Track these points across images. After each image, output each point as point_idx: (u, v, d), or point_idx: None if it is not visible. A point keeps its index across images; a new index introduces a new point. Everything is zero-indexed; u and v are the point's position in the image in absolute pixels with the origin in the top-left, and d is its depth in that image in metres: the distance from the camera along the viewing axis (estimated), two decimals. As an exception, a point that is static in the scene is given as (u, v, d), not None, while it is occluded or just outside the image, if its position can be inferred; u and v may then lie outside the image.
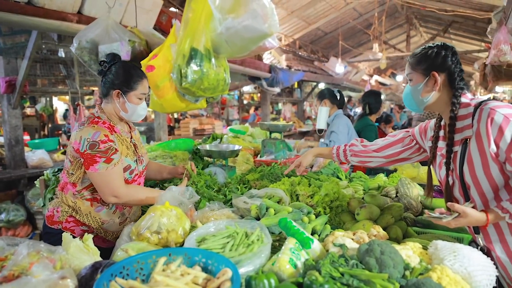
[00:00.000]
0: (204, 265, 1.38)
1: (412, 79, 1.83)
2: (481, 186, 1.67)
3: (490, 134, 1.58)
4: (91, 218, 2.15)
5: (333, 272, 1.30)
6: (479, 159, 1.65)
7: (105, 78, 2.17)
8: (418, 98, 1.82)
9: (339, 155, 2.39)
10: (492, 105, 1.61)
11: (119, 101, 2.13)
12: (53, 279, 1.21)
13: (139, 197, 2.14)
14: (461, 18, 11.30)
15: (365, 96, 4.75)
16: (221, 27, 1.44)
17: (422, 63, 1.78)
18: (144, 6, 4.30)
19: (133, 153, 2.22)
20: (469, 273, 1.43)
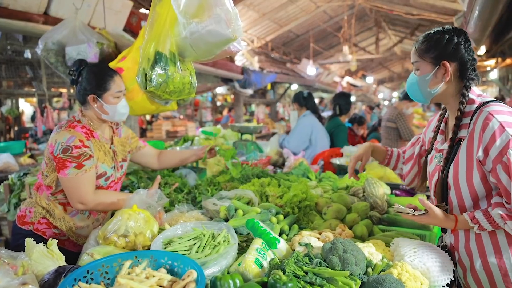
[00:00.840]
0: (170, 267, 1.39)
1: (419, 68, 1.65)
2: (461, 190, 1.58)
3: (482, 140, 1.47)
4: (64, 223, 2.13)
5: (297, 270, 1.34)
6: (465, 162, 1.56)
7: (78, 87, 2.13)
8: (425, 89, 1.64)
9: (392, 158, 2.14)
10: (492, 109, 1.49)
11: (96, 105, 2.10)
12: (14, 285, 1.19)
13: (107, 202, 2.12)
14: (427, 22, 11.69)
15: (335, 98, 4.86)
16: (185, 32, 1.45)
17: (432, 51, 1.59)
18: (113, 7, 4.23)
19: (111, 160, 2.20)
20: (427, 268, 1.50)
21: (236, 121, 10.60)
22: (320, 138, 4.42)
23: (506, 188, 1.41)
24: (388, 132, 5.18)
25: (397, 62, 21.04)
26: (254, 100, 13.34)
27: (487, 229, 1.49)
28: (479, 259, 1.59)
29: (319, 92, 17.09)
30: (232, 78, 8.50)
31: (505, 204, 1.43)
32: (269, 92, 13.90)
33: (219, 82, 9.27)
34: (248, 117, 14.66)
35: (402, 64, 21.17)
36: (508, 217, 1.41)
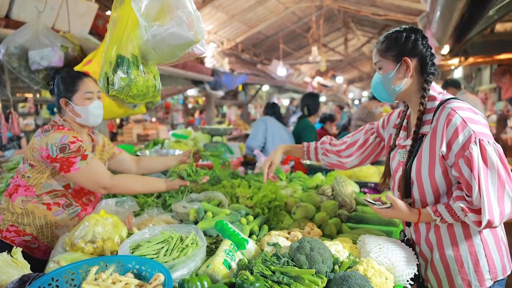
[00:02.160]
0: (138, 272, 1.38)
1: (382, 67, 1.70)
2: (423, 185, 1.63)
3: (444, 135, 1.52)
4: (44, 221, 2.09)
5: (265, 270, 1.36)
6: (427, 158, 1.60)
7: (54, 95, 2.16)
8: (389, 87, 1.69)
9: (309, 152, 2.24)
10: (453, 106, 1.55)
11: (69, 109, 2.11)
12: (-26, 298, 1.15)
13: (128, 187, 2.17)
14: (393, 22, 12.02)
15: (304, 99, 4.92)
16: (147, 35, 1.44)
17: (392, 49, 1.65)
18: (78, 10, 4.13)
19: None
20: (392, 264, 1.55)
21: (208, 123, 10.55)
22: (278, 136, 4.56)
23: (467, 182, 1.46)
24: None
25: (366, 62, 21.53)
26: (226, 102, 13.32)
27: (448, 221, 1.55)
28: (437, 251, 1.65)
29: (290, 93, 17.24)
30: (203, 80, 8.45)
31: (466, 197, 1.49)
32: (241, 94, 13.91)
33: (190, 84, 9.20)
34: (220, 119, 14.64)
35: (371, 64, 21.67)
36: (468, 209, 1.46)
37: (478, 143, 1.44)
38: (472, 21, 3.71)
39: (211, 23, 10.64)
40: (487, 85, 7.69)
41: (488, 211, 1.41)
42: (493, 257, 1.58)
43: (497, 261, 1.59)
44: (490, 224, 1.43)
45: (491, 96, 8.42)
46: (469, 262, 1.58)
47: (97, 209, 2.03)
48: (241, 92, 13.83)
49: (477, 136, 1.45)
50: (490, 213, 1.41)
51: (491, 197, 1.41)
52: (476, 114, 1.54)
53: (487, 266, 1.57)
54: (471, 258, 1.58)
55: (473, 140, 1.45)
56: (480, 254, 1.57)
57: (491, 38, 5.58)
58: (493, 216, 1.41)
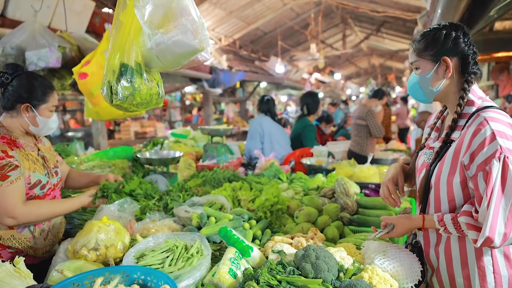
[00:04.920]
0: (143, 282, 1.37)
1: (419, 67, 1.61)
2: (440, 192, 1.58)
3: (471, 145, 1.45)
4: (16, 241, 1.97)
5: (271, 280, 1.35)
6: (449, 164, 1.54)
7: (7, 90, 1.97)
8: (427, 88, 1.60)
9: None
10: (488, 115, 1.46)
11: (28, 115, 1.97)
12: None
13: (42, 213, 1.97)
14: (392, 19, 11.98)
15: (303, 98, 4.91)
16: (151, 43, 1.41)
17: (430, 48, 1.56)
18: (74, 8, 4.09)
19: (42, 167, 2.06)
20: (397, 271, 1.55)
21: (205, 121, 10.50)
22: (274, 137, 4.56)
23: (480, 196, 1.41)
24: (358, 129, 5.29)
25: (364, 58, 21.47)
26: (224, 99, 13.26)
27: (452, 233, 1.53)
28: (445, 261, 1.63)
29: (288, 89, 17.20)
30: (201, 77, 8.41)
31: (473, 213, 1.45)
32: (238, 91, 13.85)
33: (188, 82, 9.16)
34: (218, 116, 14.59)
35: (368, 60, 21.63)
36: (471, 226, 1.44)
37: (502, 160, 1.38)
38: (473, 21, 3.69)
39: (208, 19, 10.57)
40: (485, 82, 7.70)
41: (490, 229, 1.36)
42: (501, 275, 1.54)
43: (504, 279, 1.55)
44: (489, 242, 1.38)
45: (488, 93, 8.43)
46: (475, 276, 1.55)
47: (98, 215, 2.01)
48: (239, 89, 13.77)
49: (502, 152, 1.38)
50: (491, 231, 1.37)
51: (498, 217, 1.37)
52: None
53: (493, 283, 1.54)
54: (478, 273, 1.55)
55: (497, 156, 1.38)
56: (489, 270, 1.54)
57: (490, 36, 5.58)
58: (494, 234, 1.37)
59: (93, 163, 3.32)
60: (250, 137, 4.68)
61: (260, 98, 4.85)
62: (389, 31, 14.62)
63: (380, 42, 17.37)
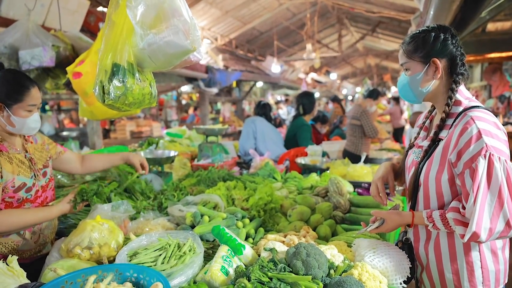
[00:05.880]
0: (136, 280, 1.38)
1: (409, 69, 1.65)
2: (429, 189, 1.62)
3: (458, 143, 1.49)
4: (3, 245, 1.95)
5: (262, 277, 1.37)
6: (438, 162, 1.58)
7: None
8: (417, 88, 1.64)
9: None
10: (474, 115, 1.50)
11: (3, 115, 1.88)
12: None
13: (15, 224, 1.89)
14: (387, 19, 12.03)
15: (299, 97, 4.94)
16: (143, 43, 1.42)
17: (420, 50, 1.60)
18: (68, 7, 4.09)
19: (28, 169, 2.00)
20: (386, 268, 1.58)
21: (202, 120, 10.52)
22: (268, 135, 4.67)
23: (467, 192, 1.45)
24: (353, 129, 5.32)
25: (360, 58, 21.54)
26: (220, 99, 13.26)
27: (440, 229, 1.56)
28: (434, 258, 1.66)
29: (284, 89, 17.25)
30: (197, 77, 8.42)
31: (461, 209, 1.48)
32: (235, 90, 13.87)
33: (184, 81, 9.16)
34: (214, 116, 14.59)
35: (364, 60, 21.70)
36: (459, 222, 1.47)
37: (487, 158, 1.42)
38: (465, 22, 3.73)
39: (204, 19, 10.57)
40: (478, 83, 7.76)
41: (476, 224, 1.40)
42: (488, 270, 1.59)
43: (492, 274, 1.59)
44: (475, 238, 1.42)
45: (481, 93, 8.50)
46: (464, 271, 1.59)
47: (92, 214, 2.02)
48: (235, 89, 13.79)
49: (488, 150, 1.42)
50: (478, 227, 1.40)
51: (484, 212, 1.41)
52: (497, 128, 1.49)
53: (481, 278, 1.59)
54: (466, 268, 1.59)
55: (483, 153, 1.42)
56: (476, 265, 1.58)
57: (483, 37, 5.62)
58: (480, 229, 1.40)
59: (88, 162, 3.31)
60: (243, 134, 4.78)
61: (257, 103, 5.08)
62: (385, 32, 14.69)
63: (376, 42, 17.44)
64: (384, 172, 1.90)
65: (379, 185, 1.85)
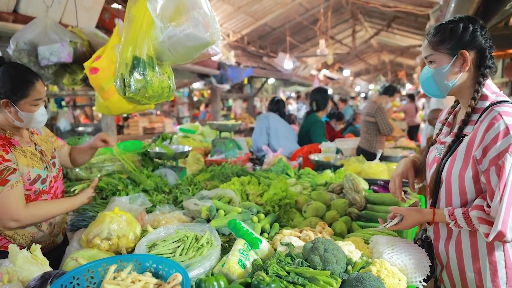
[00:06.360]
0: (155, 271, 1.40)
1: (435, 61, 1.58)
2: (451, 186, 1.57)
3: (484, 139, 1.44)
4: (20, 236, 1.98)
5: (280, 271, 1.37)
6: (462, 158, 1.53)
7: None
8: (442, 82, 1.58)
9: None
10: (502, 110, 1.45)
11: (10, 110, 1.87)
12: (1, 293, 1.19)
13: (44, 215, 1.95)
14: (403, 14, 11.85)
15: (312, 94, 4.91)
16: (163, 36, 1.43)
17: (447, 41, 1.53)
18: (84, 4, 4.14)
19: (40, 161, 2.02)
20: (405, 265, 1.56)
21: (213, 117, 10.55)
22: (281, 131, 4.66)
23: (493, 190, 1.41)
24: (367, 126, 5.21)
25: (374, 55, 21.33)
26: (231, 95, 13.29)
27: (463, 227, 1.52)
28: (455, 257, 1.63)
29: (296, 86, 17.18)
30: (209, 73, 8.45)
31: (485, 207, 1.44)
32: (246, 87, 13.87)
33: (196, 77, 9.19)
34: (226, 112, 14.62)
35: (378, 56, 21.47)
36: (483, 220, 1.43)
37: None
38: (487, 15, 3.64)
39: (216, 15, 10.58)
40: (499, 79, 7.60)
41: (502, 223, 1.37)
42: None
43: None
44: (501, 237, 1.39)
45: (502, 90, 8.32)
46: (487, 271, 1.55)
47: (110, 206, 2.05)
48: (246, 85, 13.79)
49: None
50: (504, 226, 1.37)
51: (511, 211, 1.37)
52: None
53: (505, 278, 1.53)
54: (489, 268, 1.54)
55: (510, 150, 1.38)
56: (500, 265, 1.53)
57: (505, 31, 5.46)
58: (506, 228, 1.37)
59: (104, 156, 3.36)
60: (256, 130, 4.78)
61: (271, 99, 5.06)
62: (400, 27, 14.49)
63: (391, 38, 17.22)
64: (404, 168, 1.85)
65: (397, 181, 1.81)
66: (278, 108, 4.92)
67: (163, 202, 2.57)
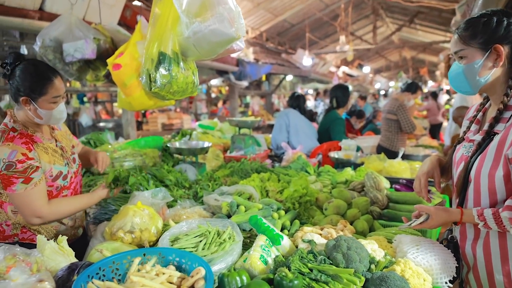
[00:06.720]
0: (178, 264, 1.41)
1: (466, 56, 1.52)
2: (480, 186, 1.52)
3: None
4: (44, 230, 2.04)
5: (302, 268, 1.37)
6: (492, 157, 1.48)
7: (10, 83, 1.90)
8: (473, 78, 1.52)
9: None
10: None
11: (29, 108, 1.89)
12: (31, 282, 1.22)
13: (66, 211, 2.01)
14: (427, 9, 11.59)
15: (333, 90, 4.86)
16: (188, 31, 1.44)
17: (480, 36, 1.48)
18: (107, 1, 4.20)
19: (61, 157, 2.05)
20: (430, 266, 1.52)
21: (231, 113, 10.59)
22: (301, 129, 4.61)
23: None
24: (389, 124, 5.12)
25: (395, 51, 20.96)
26: (249, 92, 13.30)
27: (492, 228, 1.47)
28: (483, 259, 1.58)
29: (314, 83, 17.07)
30: (227, 70, 8.47)
31: None
32: (264, 84, 13.86)
33: (214, 74, 9.24)
34: (243, 109, 14.64)
35: (399, 52, 21.07)
36: None
37: None
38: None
39: (236, 12, 10.58)
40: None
41: None
42: None
43: None
44: None
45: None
46: None
47: (133, 200, 2.09)
48: (264, 82, 13.78)
49: None
50: None
51: None
52: None
53: None
54: None
55: None
56: None
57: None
58: None
59: (125, 151, 3.41)
60: (276, 128, 4.74)
61: (291, 94, 4.97)
62: (423, 22, 14.19)
63: (413, 34, 16.89)
64: (430, 167, 1.79)
65: (423, 180, 1.75)
66: (298, 104, 4.84)
67: (183, 197, 2.59)
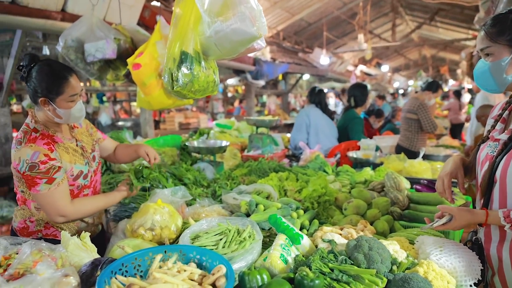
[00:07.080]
0: (198, 262, 1.42)
1: (493, 54, 1.50)
2: (506, 186, 1.49)
3: None
4: (66, 226, 2.08)
5: (323, 267, 1.36)
6: None
7: (28, 85, 1.92)
8: (500, 76, 1.50)
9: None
10: None
11: (48, 108, 1.91)
12: (57, 277, 1.25)
13: (89, 210, 2.05)
14: (448, 6, 11.31)
15: (351, 89, 4.80)
16: (210, 31, 1.45)
17: (508, 32, 1.45)
18: (126, 2, 4.26)
19: (81, 157, 2.08)
20: (454, 268, 1.48)
21: (247, 113, 10.60)
22: (321, 129, 4.50)
23: None
24: (409, 123, 5.01)
25: (414, 49, 20.60)
26: (266, 91, 13.30)
27: None
28: (510, 265, 1.54)
29: (331, 82, 16.94)
30: (244, 69, 8.48)
31: None
32: (281, 83, 13.83)
33: (231, 73, 9.27)
34: (260, 108, 14.65)
35: (419, 51, 20.70)
36: None
37: None
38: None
39: (253, 11, 10.57)
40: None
41: None
42: None
43: None
44: None
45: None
46: None
47: (153, 198, 2.11)
48: (281, 81, 13.75)
49: None
50: None
51: None
52: None
53: None
54: None
55: None
56: None
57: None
58: None
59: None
60: (296, 127, 4.65)
61: (311, 89, 4.77)
62: (444, 20, 13.89)
63: (433, 32, 16.55)
64: (453, 167, 1.75)
65: (446, 181, 1.71)
66: (319, 100, 4.62)
67: (202, 195, 2.61)
